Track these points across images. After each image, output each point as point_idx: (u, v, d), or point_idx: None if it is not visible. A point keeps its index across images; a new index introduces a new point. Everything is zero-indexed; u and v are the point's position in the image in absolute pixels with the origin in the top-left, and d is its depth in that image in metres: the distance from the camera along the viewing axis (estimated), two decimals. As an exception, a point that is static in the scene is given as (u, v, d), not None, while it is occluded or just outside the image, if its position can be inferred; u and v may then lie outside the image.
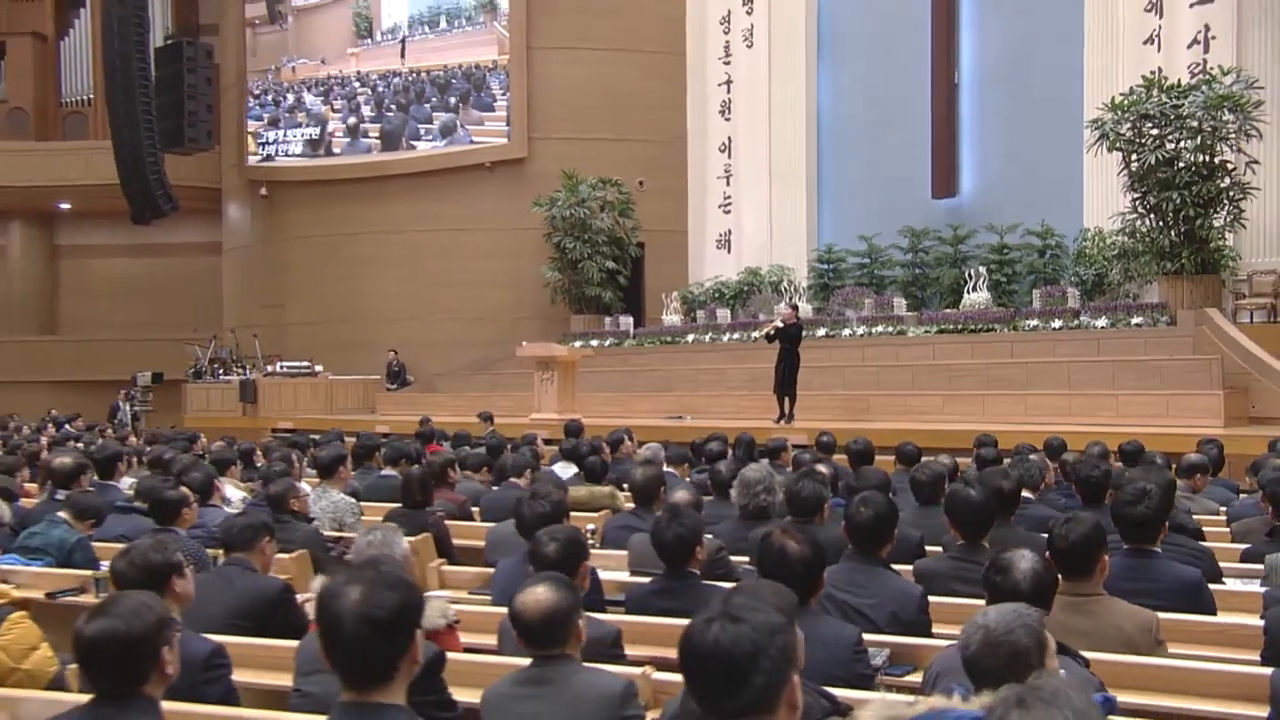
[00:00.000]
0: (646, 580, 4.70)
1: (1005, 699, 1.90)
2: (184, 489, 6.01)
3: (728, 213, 21.93)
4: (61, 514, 6.17)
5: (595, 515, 7.00)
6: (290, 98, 23.67)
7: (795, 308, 16.25)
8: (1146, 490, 4.32)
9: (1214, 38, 16.42)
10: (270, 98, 23.98)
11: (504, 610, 4.46)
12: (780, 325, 14.80)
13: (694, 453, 9.29)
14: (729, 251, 21.77)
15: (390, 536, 4.26)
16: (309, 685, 3.50)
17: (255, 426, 19.93)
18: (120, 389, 24.50)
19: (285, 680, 3.99)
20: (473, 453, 9.47)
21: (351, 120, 22.92)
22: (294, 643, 4.13)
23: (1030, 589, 3.16)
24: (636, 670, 3.58)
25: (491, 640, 4.36)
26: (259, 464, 10.22)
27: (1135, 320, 15.21)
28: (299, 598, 4.70)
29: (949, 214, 19.15)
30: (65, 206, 29.89)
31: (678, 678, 3.60)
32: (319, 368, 22.20)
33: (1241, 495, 7.89)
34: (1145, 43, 17.03)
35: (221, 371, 23.21)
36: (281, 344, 23.44)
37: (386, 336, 22.67)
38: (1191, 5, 16.63)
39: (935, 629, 4.25)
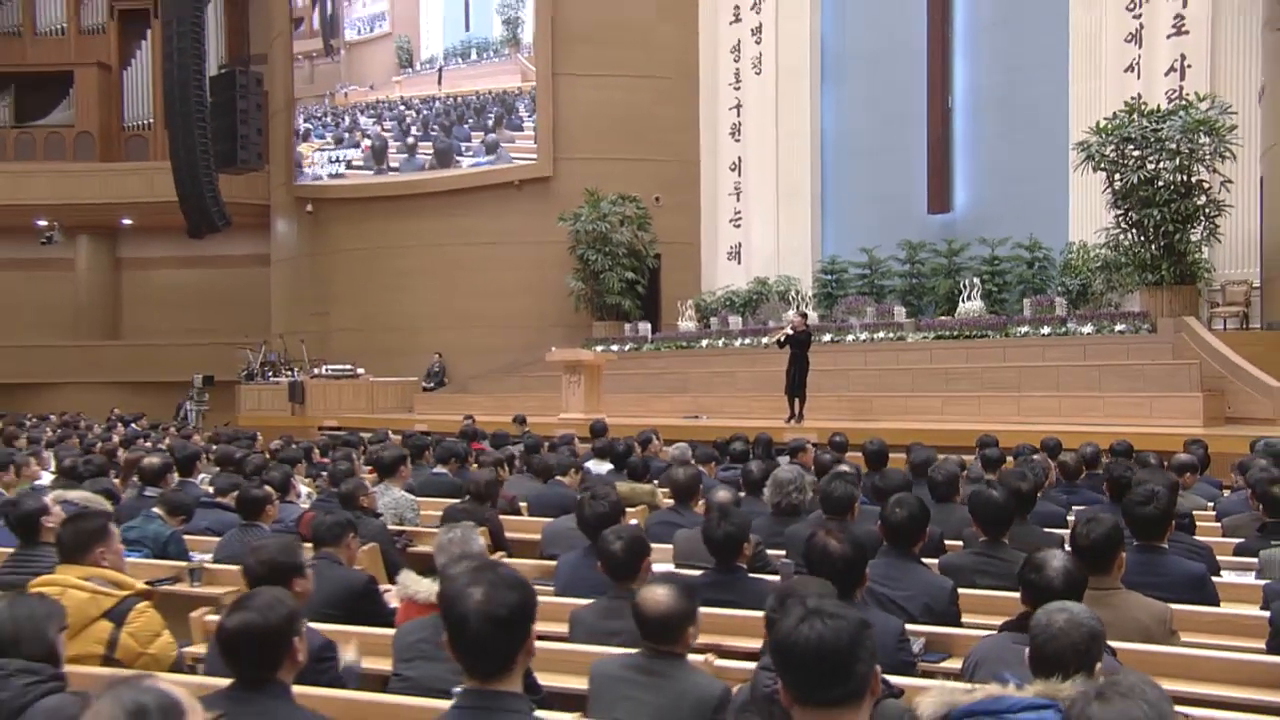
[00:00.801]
0: (696, 573, 4.75)
1: (1084, 693, 1.94)
2: (267, 487, 6.12)
3: (738, 227, 21.99)
4: (156, 510, 6.28)
5: (633, 511, 7.05)
6: (347, 119, 23.92)
7: (804, 316, 16.29)
8: (1156, 492, 4.39)
9: (1189, 66, 16.49)
10: (331, 119, 24.19)
11: (568, 601, 4.57)
12: (790, 333, 14.84)
13: (719, 451, 9.32)
14: (739, 263, 21.82)
15: (469, 534, 4.32)
16: (409, 670, 3.58)
17: (303, 425, 20.01)
18: (188, 390, 24.66)
19: (373, 664, 4.09)
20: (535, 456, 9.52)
21: (409, 139, 23.16)
22: (381, 630, 4.23)
23: (1063, 585, 3.21)
24: (700, 658, 3.64)
25: (555, 628, 4.41)
26: (314, 460, 10.34)
27: (1119, 327, 15.23)
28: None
29: (944, 228, 19.21)
30: (127, 222, 30.01)
31: (738, 664, 3.70)
32: (361, 370, 22.25)
33: (1225, 492, 7.92)
34: (1126, 70, 17.10)
35: (271, 374, 23.28)
36: (326, 348, 23.55)
37: (423, 342, 22.77)
38: (1168, 36, 16.70)
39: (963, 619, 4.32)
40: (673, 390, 18.07)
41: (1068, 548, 5.31)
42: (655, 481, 8.50)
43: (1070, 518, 6.52)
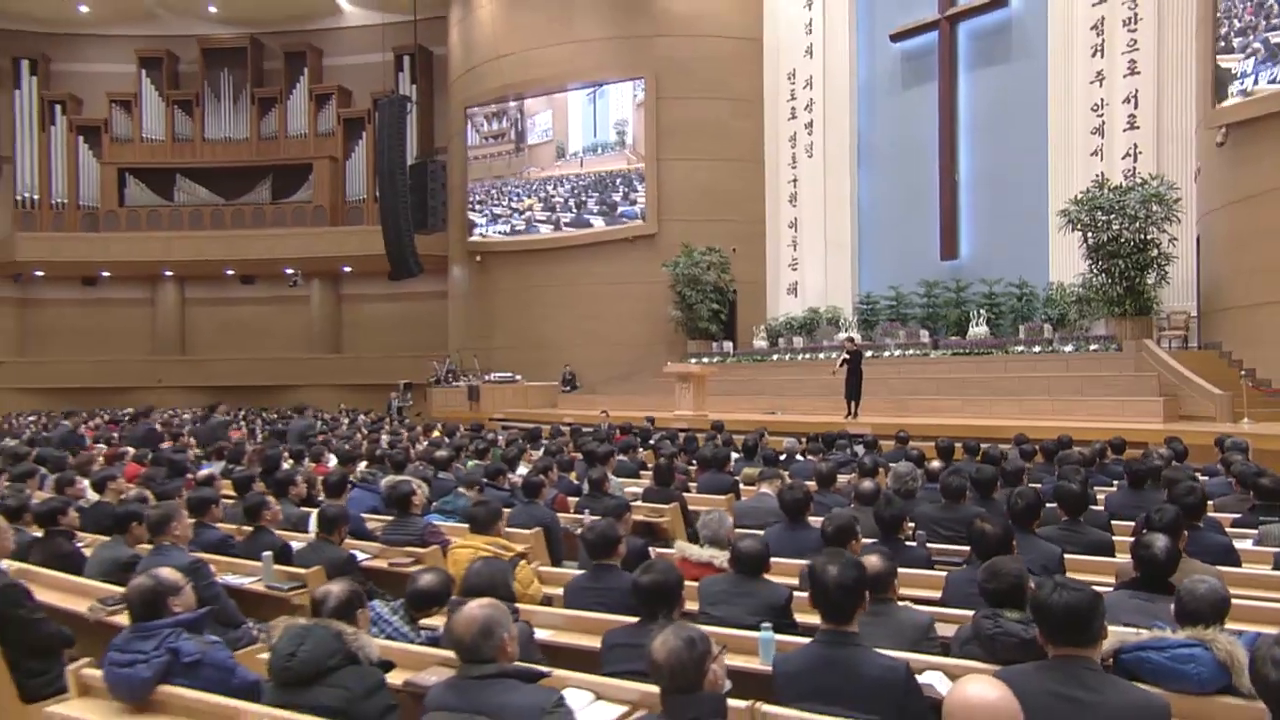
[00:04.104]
0: (867, 541, 5.01)
1: (1266, 639, 2.15)
2: (540, 475, 6.60)
3: (795, 269, 22.17)
4: (461, 489, 6.80)
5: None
6: (538, 189, 24.81)
7: (851, 339, 16.36)
8: (1194, 486, 4.67)
9: (1140, 153, 16.47)
10: (528, 188, 24.96)
11: (777, 561, 4.88)
12: (846, 357, 15.04)
13: (824, 444, 9.49)
14: (796, 296, 21.99)
15: (722, 516, 4.60)
16: (714, 610, 3.83)
17: (479, 417, 20.44)
18: (391, 391, 25.51)
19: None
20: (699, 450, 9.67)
21: (583, 199, 23.96)
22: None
23: (1165, 559, 3.46)
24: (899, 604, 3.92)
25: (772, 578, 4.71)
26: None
27: (1093, 347, 15.19)
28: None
29: (953, 271, 19.24)
30: (347, 269, 30.79)
31: (918, 609, 4.02)
32: (518, 377, 22.74)
33: (1202, 478, 7.93)
34: (1091, 155, 17.09)
35: (452, 380, 23.93)
36: (490, 361, 24.02)
37: (562, 356, 23.20)
38: (1124, 130, 16.67)
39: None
40: (753, 393, 18.13)
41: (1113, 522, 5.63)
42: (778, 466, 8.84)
43: (1101, 496, 6.78)
